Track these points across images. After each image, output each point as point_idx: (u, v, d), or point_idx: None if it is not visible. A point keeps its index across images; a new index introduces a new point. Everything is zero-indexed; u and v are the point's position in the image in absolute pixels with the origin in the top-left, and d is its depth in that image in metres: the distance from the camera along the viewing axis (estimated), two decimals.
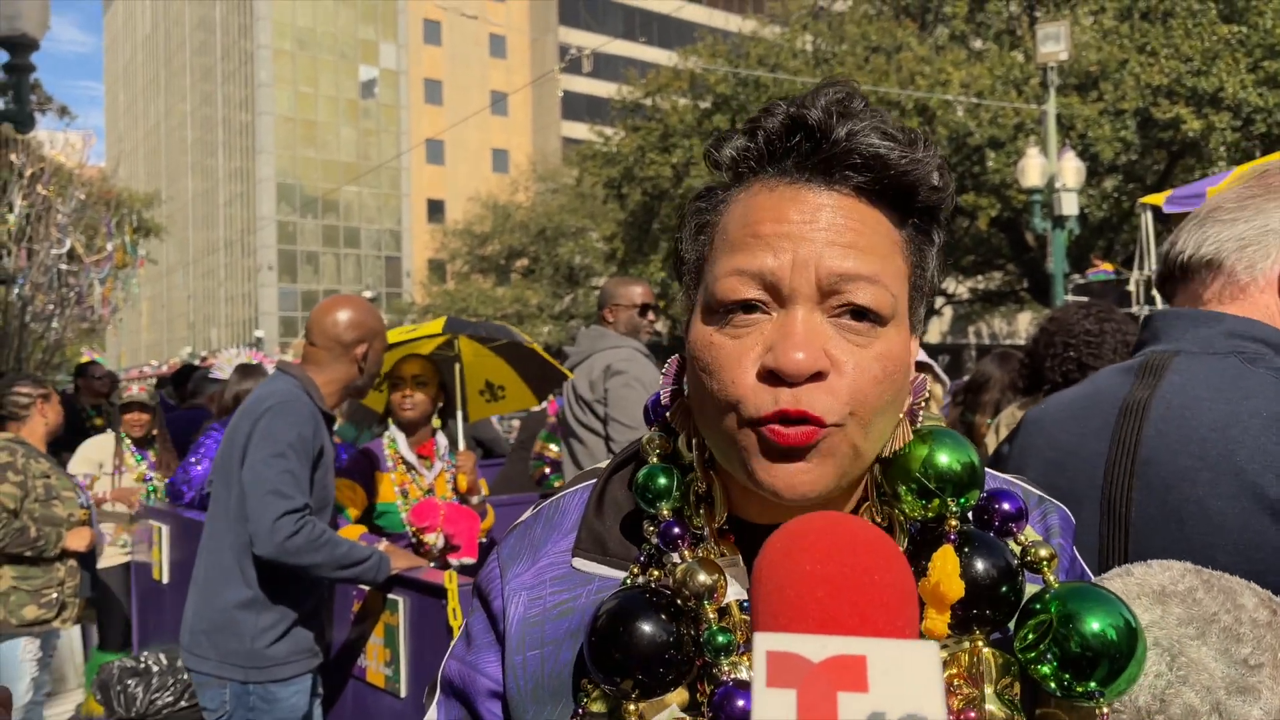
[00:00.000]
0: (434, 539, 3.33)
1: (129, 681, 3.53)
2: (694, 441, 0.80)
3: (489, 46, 69.39)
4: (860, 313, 0.70)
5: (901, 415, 0.75)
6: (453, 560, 3.40)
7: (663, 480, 0.78)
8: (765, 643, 0.45)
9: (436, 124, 65.25)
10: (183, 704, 3.50)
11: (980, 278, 28.81)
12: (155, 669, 3.64)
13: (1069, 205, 14.24)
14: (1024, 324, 41.03)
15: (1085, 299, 3.50)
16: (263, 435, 2.62)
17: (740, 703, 0.66)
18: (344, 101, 66.04)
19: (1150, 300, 12.60)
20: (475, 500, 3.59)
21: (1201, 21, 18.61)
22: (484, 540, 3.60)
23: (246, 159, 64.90)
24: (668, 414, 0.83)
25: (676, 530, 0.76)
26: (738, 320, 0.72)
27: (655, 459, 0.81)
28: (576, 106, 63.21)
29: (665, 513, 0.77)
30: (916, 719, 0.42)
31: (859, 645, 0.44)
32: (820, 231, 0.70)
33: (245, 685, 2.65)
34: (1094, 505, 1.19)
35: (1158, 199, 14.19)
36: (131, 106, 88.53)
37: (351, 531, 3.16)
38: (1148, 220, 13.13)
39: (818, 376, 0.68)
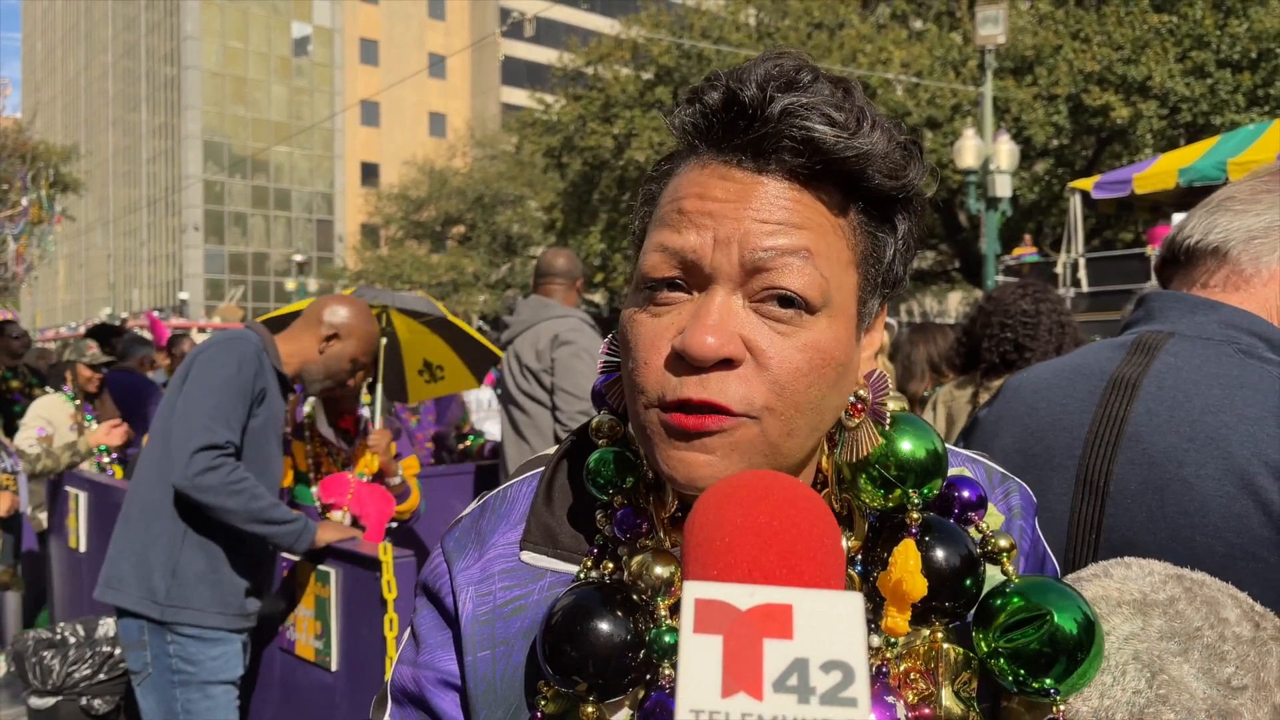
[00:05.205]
0: (340, 517, 3.17)
1: (45, 653, 3.41)
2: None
3: (427, 7, 67.84)
4: (787, 300, 0.65)
5: (862, 417, 0.72)
6: None
7: (614, 466, 0.74)
8: (694, 591, 0.46)
9: (371, 85, 63.67)
10: (101, 676, 3.39)
11: None
12: (73, 640, 3.52)
13: (1003, 187, 14.56)
14: (954, 303, 41.95)
15: (1028, 279, 3.59)
16: (201, 367, 2.62)
17: None
18: (275, 58, 64.01)
19: (1076, 283, 13.00)
20: (395, 481, 3.38)
21: (1133, 10, 19.08)
22: (393, 525, 3.38)
23: (171, 114, 62.60)
24: (606, 394, 0.79)
25: (635, 519, 0.72)
26: (660, 298, 0.69)
27: (604, 443, 0.77)
28: (516, 72, 62.29)
29: (620, 500, 0.73)
30: (839, 664, 0.43)
31: (785, 595, 0.45)
32: (746, 210, 0.66)
33: (162, 629, 2.58)
34: (1068, 475, 1.22)
35: (1086, 184, 14.58)
36: (50, 56, 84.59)
37: None
38: (1076, 204, 13.53)
39: (728, 364, 0.65)
